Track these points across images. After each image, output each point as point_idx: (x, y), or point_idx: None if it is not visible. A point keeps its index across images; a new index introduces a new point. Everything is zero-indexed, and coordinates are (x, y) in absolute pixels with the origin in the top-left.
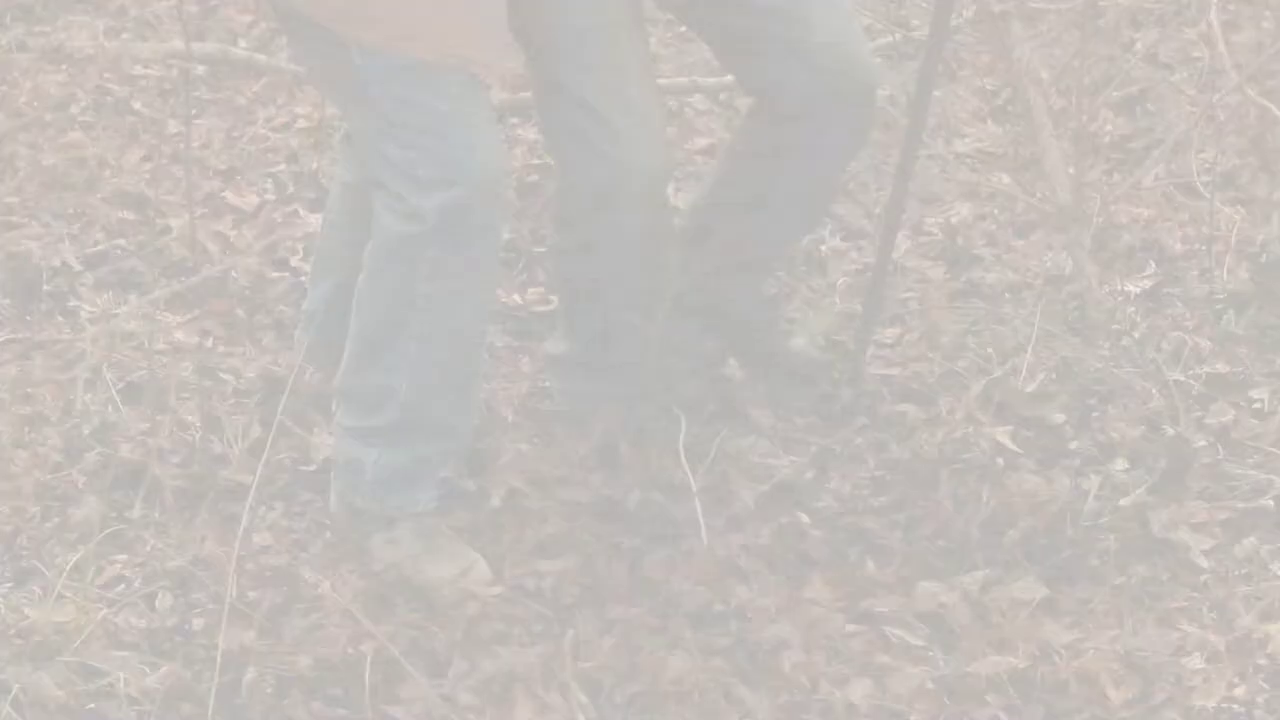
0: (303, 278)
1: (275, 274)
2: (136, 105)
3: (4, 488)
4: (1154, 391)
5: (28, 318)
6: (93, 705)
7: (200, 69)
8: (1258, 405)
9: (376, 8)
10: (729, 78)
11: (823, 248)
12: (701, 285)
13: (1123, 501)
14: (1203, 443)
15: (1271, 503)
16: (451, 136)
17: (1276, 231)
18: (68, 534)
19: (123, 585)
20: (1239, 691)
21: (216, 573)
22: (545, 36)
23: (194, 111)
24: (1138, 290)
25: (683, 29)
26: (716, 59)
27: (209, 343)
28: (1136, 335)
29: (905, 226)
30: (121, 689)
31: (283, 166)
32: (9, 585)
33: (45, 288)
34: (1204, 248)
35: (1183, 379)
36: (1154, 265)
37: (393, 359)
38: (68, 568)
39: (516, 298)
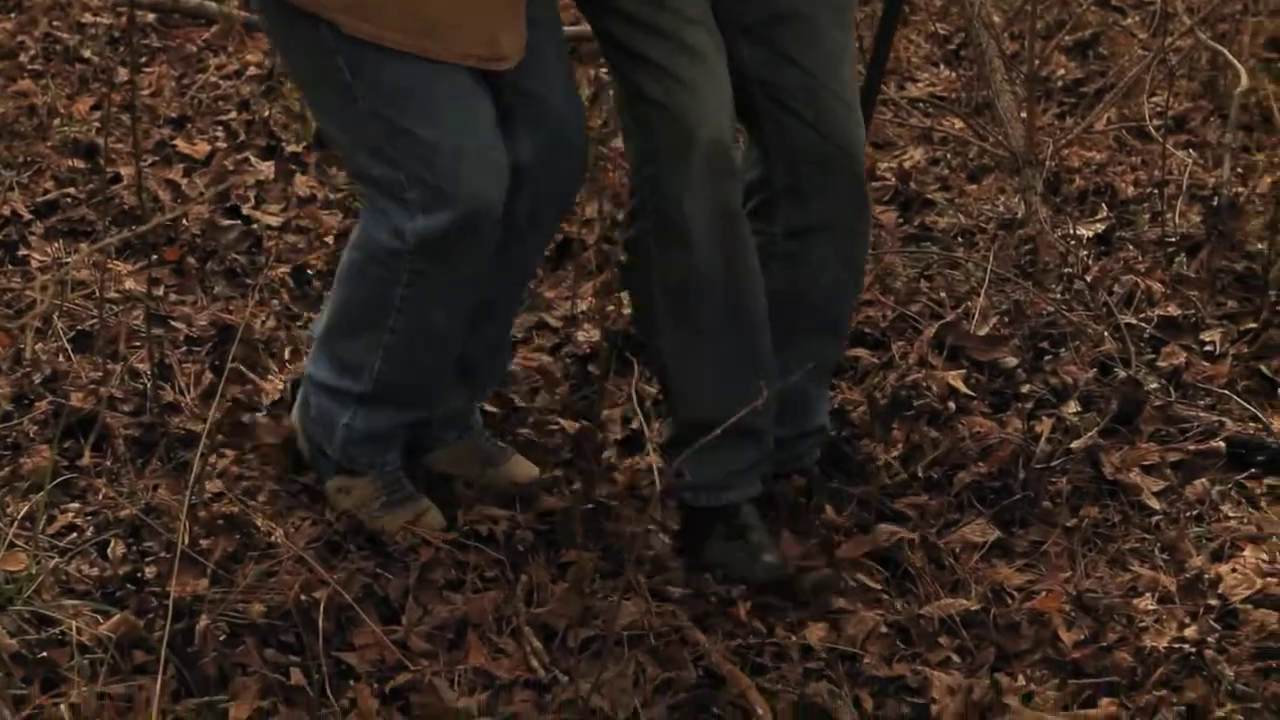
0: (253, 225)
1: (227, 222)
2: (86, 53)
3: None
4: (1106, 334)
5: None
6: (45, 654)
7: (150, 17)
8: (1209, 348)
9: (390, 2)
10: None
11: None
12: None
13: (1074, 444)
14: (1154, 385)
15: (1222, 444)
16: (439, 165)
17: (1227, 175)
18: (19, 483)
19: (74, 534)
20: (1190, 632)
21: (168, 520)
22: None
23: (144, 59)
24: (1090, 234)
25: None
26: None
27: (160, 291)
28: (1088, 279)
29: None
30: (74, 637)
31: (234, 114)
32: None
33: None
34: (1156, 191)
35: (1134, 322)
36: (1106, 209)
37: (369, 341)
38: (19, 517)
39: None
